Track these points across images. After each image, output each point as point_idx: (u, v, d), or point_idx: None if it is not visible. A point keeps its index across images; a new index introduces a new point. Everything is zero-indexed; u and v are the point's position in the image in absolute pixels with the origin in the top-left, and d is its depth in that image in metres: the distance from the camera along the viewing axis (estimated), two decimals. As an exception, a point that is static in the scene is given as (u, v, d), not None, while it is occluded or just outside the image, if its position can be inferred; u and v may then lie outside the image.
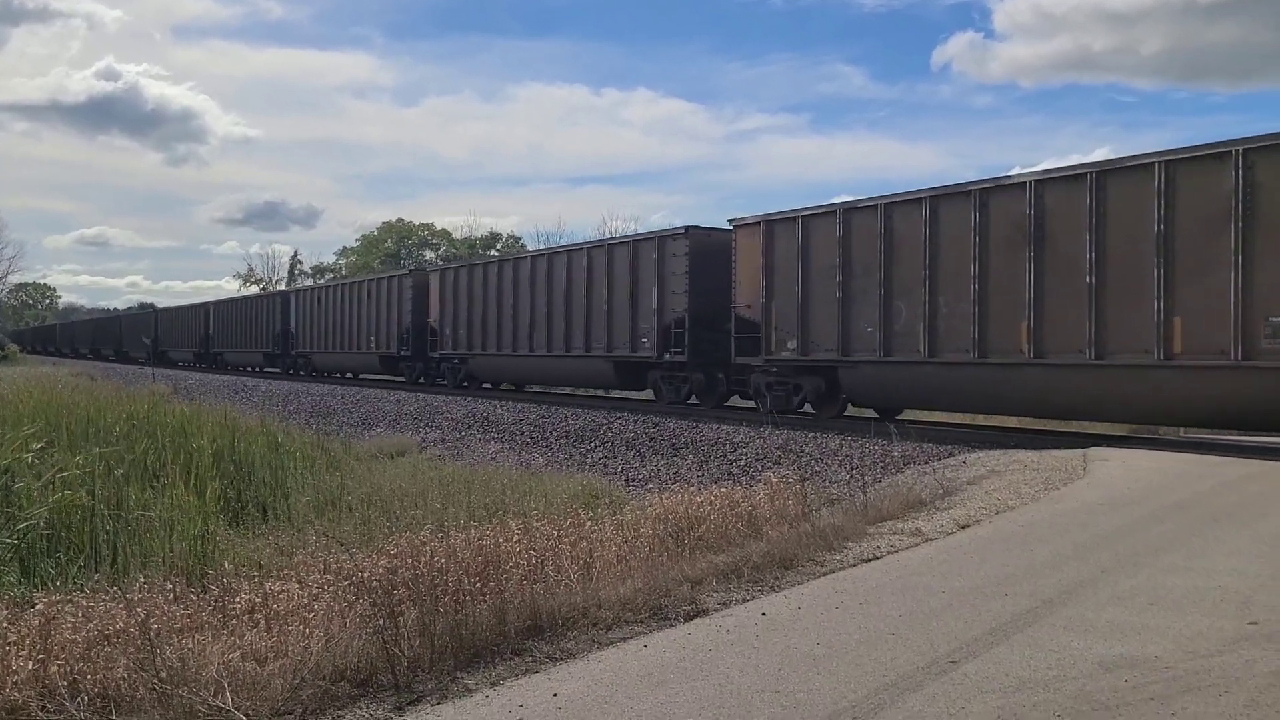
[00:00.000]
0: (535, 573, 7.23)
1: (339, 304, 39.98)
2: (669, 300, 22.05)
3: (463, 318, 30.87)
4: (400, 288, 35.13)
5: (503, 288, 28.77)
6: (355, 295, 38.51)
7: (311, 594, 6.25)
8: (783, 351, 19.44)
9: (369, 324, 37.25)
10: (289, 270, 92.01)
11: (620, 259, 23.94)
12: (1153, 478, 11.00)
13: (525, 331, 27.51)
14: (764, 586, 6.60)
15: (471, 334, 30.40)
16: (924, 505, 9.93)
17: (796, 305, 18.99)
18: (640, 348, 23.11)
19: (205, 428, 16.47)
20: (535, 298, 27.03)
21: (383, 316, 35.83)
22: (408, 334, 34.03)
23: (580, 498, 13.17)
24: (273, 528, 11.10)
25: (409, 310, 34.00)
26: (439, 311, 32.21)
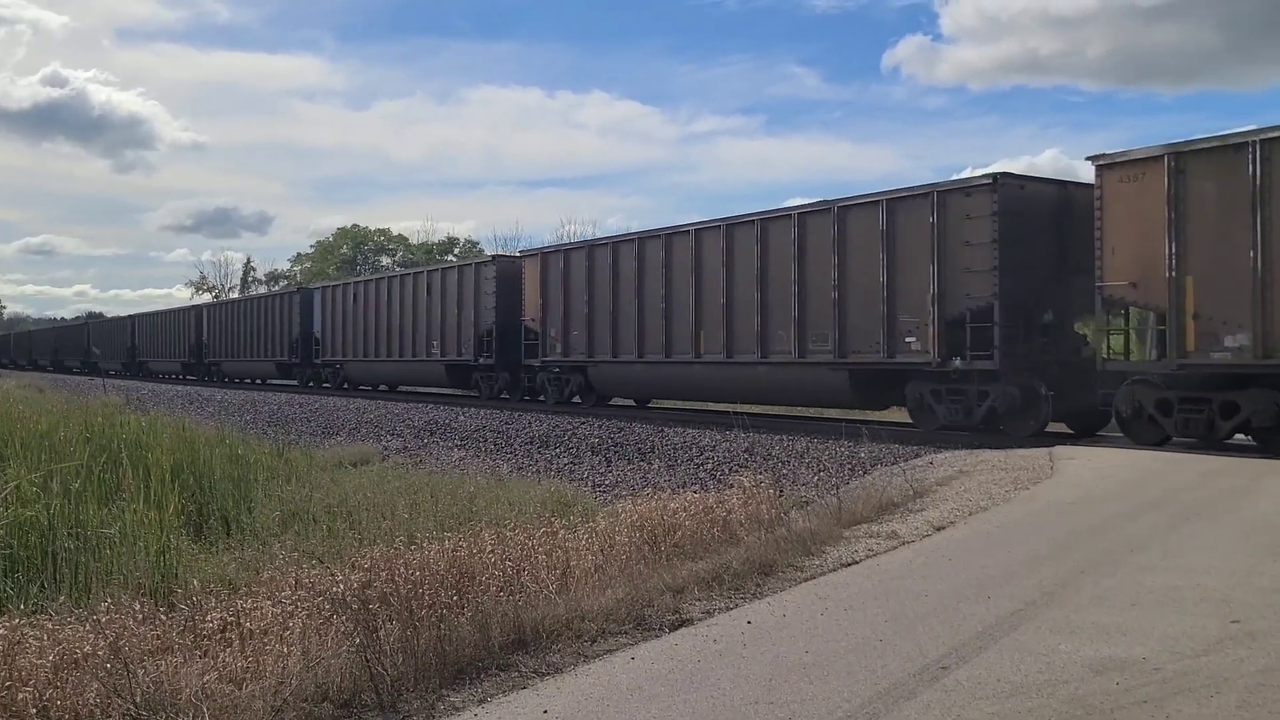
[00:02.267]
0: (512, 584, 7.12)
1: (387, 300, 33.05)
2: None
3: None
4: (479, 278, 28.57)
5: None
6: (411, 289, 31.93)
7: (285, 611, 6.09)
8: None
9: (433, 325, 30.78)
10: (242, 278, 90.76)
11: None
12: (1120, 475, 11.11)
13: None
14: (746, 594, 6.55)
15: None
16: (896, 507, 9.93)
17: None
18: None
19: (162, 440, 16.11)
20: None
21: (451, 316, 29.39)
22: (488, 337, 27.76)
23: (550, 505, 13.04)
24: (237, 542, 10.85)
25: (491, 307, 27.64)
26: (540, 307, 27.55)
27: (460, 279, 28.83)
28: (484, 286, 27.64)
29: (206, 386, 45.41)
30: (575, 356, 24.15)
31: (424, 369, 31.05)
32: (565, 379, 25.11)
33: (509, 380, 27.37)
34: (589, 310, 23.56)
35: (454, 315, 28.83)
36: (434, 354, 29.86)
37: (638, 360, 22.31)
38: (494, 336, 26.97)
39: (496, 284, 27.13)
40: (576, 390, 24.82)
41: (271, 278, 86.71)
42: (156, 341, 57.82)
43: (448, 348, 29.38)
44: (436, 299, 29.74)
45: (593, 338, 23.48)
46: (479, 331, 27.55)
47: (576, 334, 23.95)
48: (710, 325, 20.39)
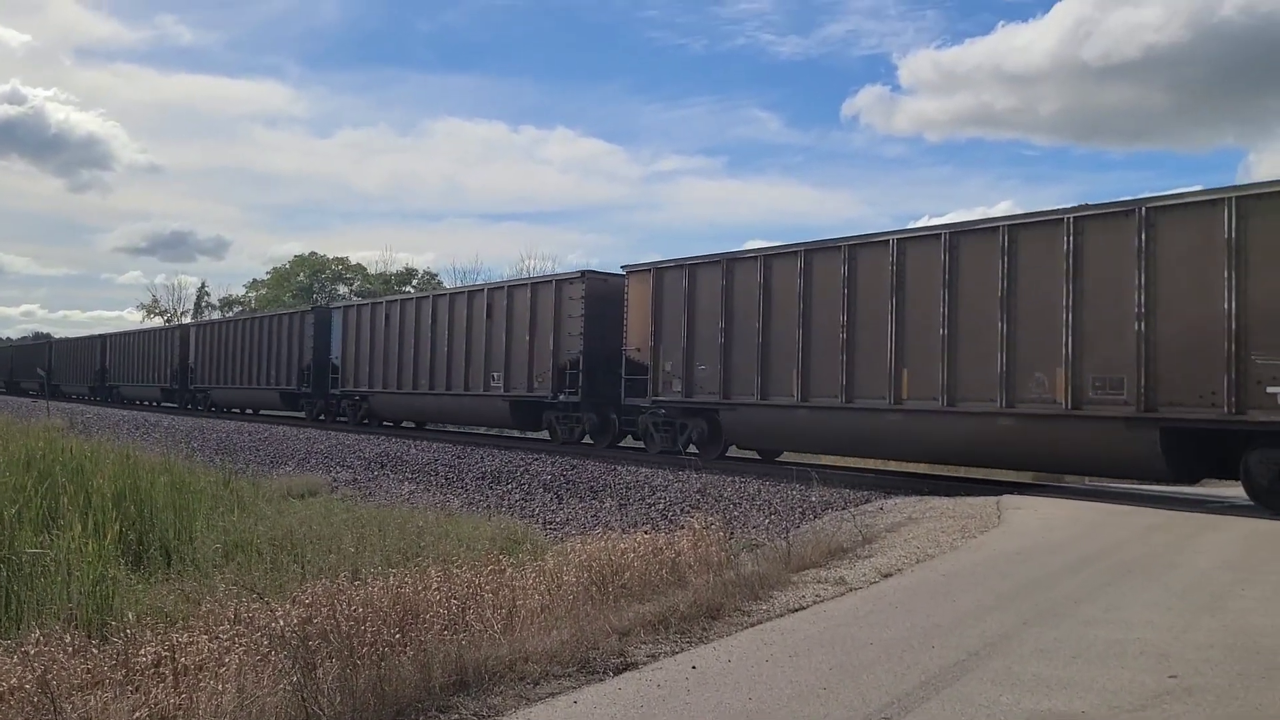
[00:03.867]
0: (457, 622, 7.05)
1: (431, 323, 29.21)
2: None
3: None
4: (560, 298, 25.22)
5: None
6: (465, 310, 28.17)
7: (222, 646, 5.97)
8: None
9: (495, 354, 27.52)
10: (195, 302, 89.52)
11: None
12: (1065, 527, 11.24)
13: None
14: (692, 638, 6.52)
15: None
16: (845, 553, 9.96)
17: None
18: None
19: (105, 466, 15.79)
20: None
21: (520, 343, 26.22)
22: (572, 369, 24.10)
23: (499, 542, 12.94)
24: (177, 573, 10.63)
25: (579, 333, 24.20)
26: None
27: (535, 299, 24.05)
28: (567, 308, 22.95)
29: (154, 413, 44.56)
30: (701, 396, 19.66)
31: (480, 405, 26.16)
32: (682, 424, 20.63)
33: (596, 423, 22.92)
34: (725, 339, 19.13)
35: (523, 342, 24.21)
36: (494, 388, 25.18)
37: (799, 404, 17.75)
38: (580, 369, 22.41)
39: (585, 305, 22.46)
40: (696, 438, 20.36)
41: (226, 303, 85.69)
42: (132, 364, 52.50)
43: (514, 381, 24.64)
44: (500, 322, 25.05)
45: (728, 374, 19.03)
46: (559, 362, 22.98)
47: (704, 369, 19.51)
48: (918, 361, 16.03)
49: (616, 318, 21.95)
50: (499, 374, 25.10)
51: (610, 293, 22.46)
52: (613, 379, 21.83)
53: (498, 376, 25.15)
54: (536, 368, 23.75)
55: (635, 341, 21.27)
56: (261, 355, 37.57)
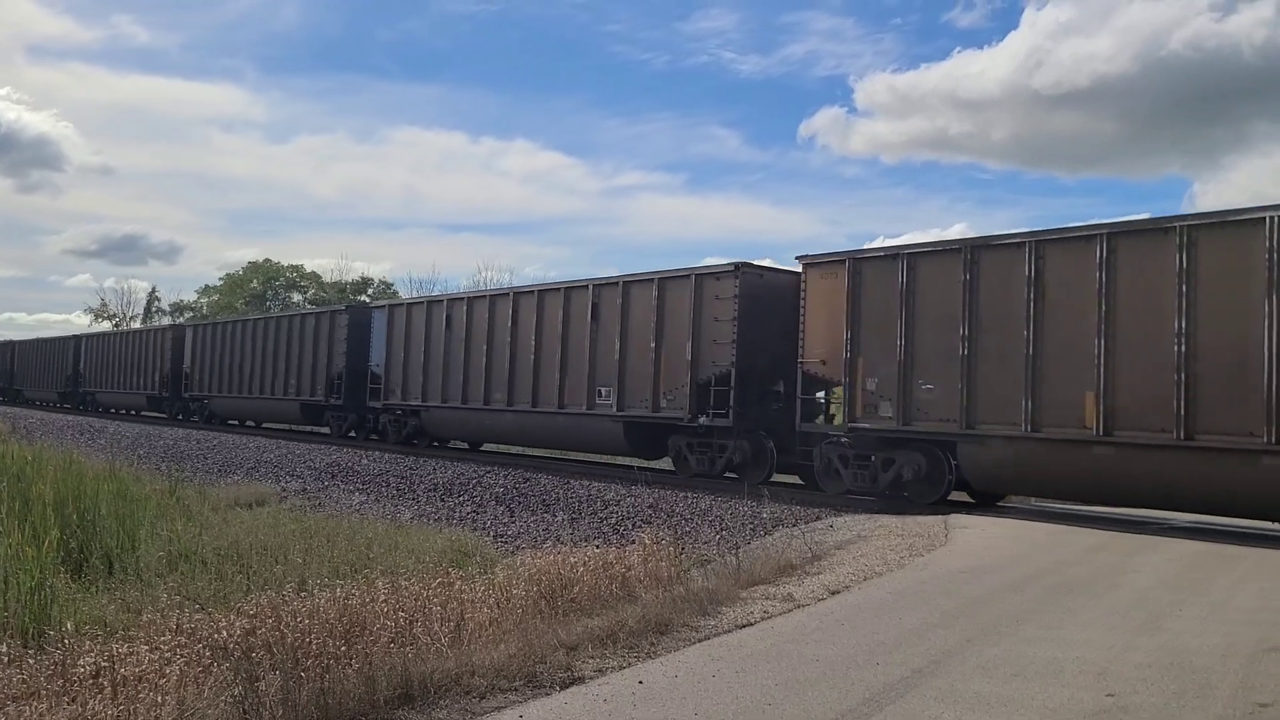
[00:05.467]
0: (404, 635, 7.01)
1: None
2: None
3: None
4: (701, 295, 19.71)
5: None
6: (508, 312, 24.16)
7: (163, 657, 5.89)
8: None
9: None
10: (146, 307, 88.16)
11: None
12: (1010, 546, 11.42)
13: None
14: (640, 653, 6.54)
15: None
16: (794, 569, 10.03)
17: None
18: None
19: (46, 472, 15.50)
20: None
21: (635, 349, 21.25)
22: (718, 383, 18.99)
23: (449, 554, 12.86)
24: (119, 582, 10.45)
25: (729, 341, 19.22)
26: None
27: (663, 297, 19.25)
28: (713, 310, 18.28)
29: (100, 418, 43.81)
30: (926, 424, 15.11)
31: (581, 426, 21.23)
32: (886, 459, 15.82)
33: (749, 452, 18.14)
34: (968, 350, 14.55)
35: (645, 351, 19.50)
36: (602, 406, 20.30)
37: (1100, 439, 13.15)
38: (732, 385, 17.84)
39: (739, 306, 17.90)
40: (910, 475, 15.58)
41: (177, 308, 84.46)
42: (35, 368, 57.43)
43: (631, 399, 19.70)
44: (611, 326, 20.28)
45: (972, 395, 14.47)
46: (699, 377, 18.34)
47: (931, 388, 15.07)
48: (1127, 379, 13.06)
49: (780, 322, 17.68)
50: (609, 389, 20.16)
51: (770, 291, 18.13)
52: (768, 399, 18.01)
53: (607, 392, 20.21)
54: (666, 382, 19.04)
55: (818, 352, 16.68)
56: (278, 361, 32.62)
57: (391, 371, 26.91)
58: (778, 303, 18.02)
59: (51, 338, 59.48)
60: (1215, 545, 11.96)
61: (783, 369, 17.80)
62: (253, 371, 34.15)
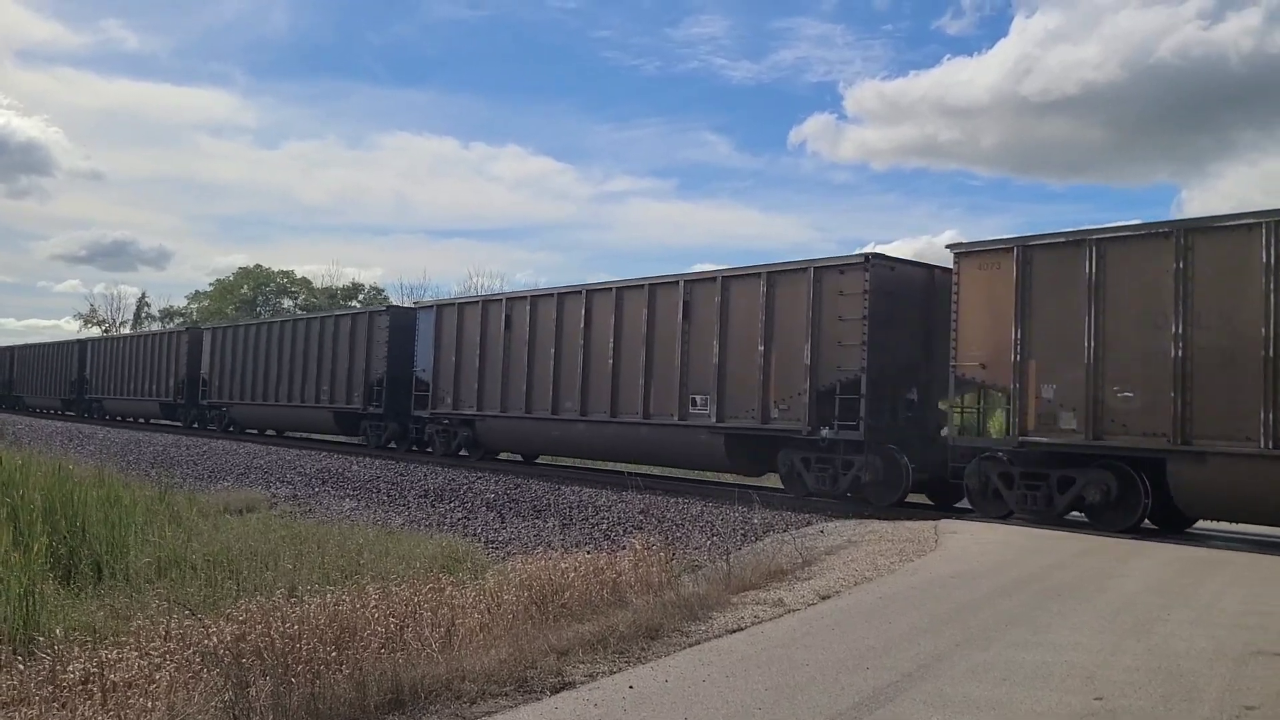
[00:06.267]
0: (395, 641, 7.03)
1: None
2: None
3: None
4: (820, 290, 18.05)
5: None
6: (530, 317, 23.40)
7: (153, 663, 5.88)
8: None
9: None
10: (135, 312, 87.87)
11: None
12: (999, 551, 11.46)
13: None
14: (631, 658, 6.54)
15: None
16: (785, 575, 10.06)
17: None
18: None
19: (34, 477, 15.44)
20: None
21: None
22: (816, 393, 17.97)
23: (440, 560, 12.86)
24: (108, 588, 10.42)
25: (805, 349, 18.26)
26: None
27: (771, 293, 17.30)
28: (836, 306, 16.31)
29: (89, 424, 43.59)
30: (1122, 438, 13.21)
31: (666, 438, 19.29)
32: (1064, 478, 14.02)
33: (882, 471, 16.08)
34: (1183, 352, 12.67)
35: (750, 355, 17.65)
36: (698, 415, 18.46)
37: None
38: (862, 394, 15.86)
39: (870, 302, 15.89)
40: (1098, 498, 13.65)
41: (166, 314, 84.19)
42: (35, 375, 54.78)
43: (734, 407, 17.82)
44: (707, 326, 18.36)
45: (1189, 401, 12.57)
46: (819, 383, 16.43)
47: (1129, 396, 13.17)
48: None
49: (913, 320, 16.53)
50: (705, 397, 18.26)
51: (902, 285, 16.44)
52: (899, 407, 16.51)
53: (703, 401, 18.33)
54: (778, 390, 17.13)
55: (975, 354, 14.81)
56: (309, 366, 30.47)
57: (440, 378, 24.75)
58: (910, 298, 16.50)
59: (54, 342, 56.77)
60: (1204, 550, 12.02)
61: (915, 374, 16.50)
62: (280, 377, 31.87)
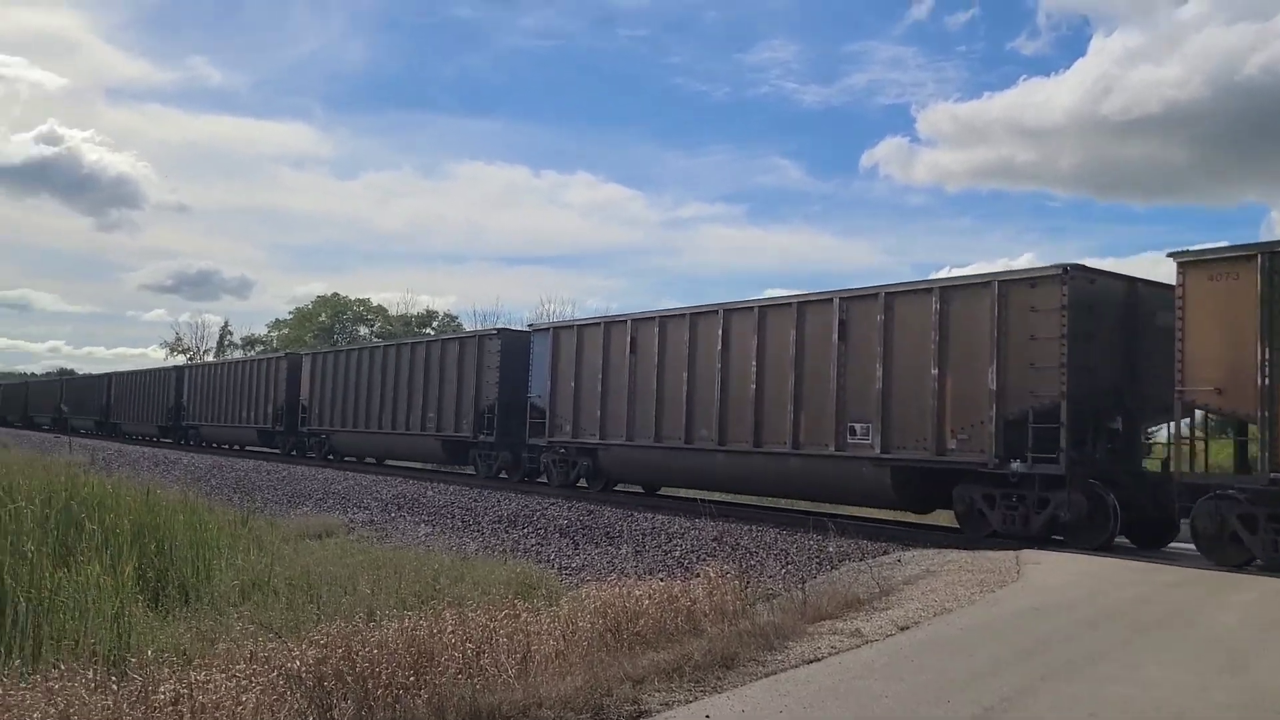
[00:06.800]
0: (472, 666, 7.06)
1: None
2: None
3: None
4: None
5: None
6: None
7: (240, 685, 6.00)
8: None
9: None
10: (218, 340, 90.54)
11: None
12: (1085, 583, 11.15)
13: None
14: (707, 687, 6.51)
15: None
16: (862, 604, 9.91)
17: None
18: None
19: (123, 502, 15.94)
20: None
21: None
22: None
23: (514, 586, 12.94)
24: (195, 610, 10.69)
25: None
26: None
27: (944, 310, 15.57)
28: (1026, 324, 14.56)
29: (175, 450, 44.78)
30: None
31: (820, 471, 17.60)
32: None
33: (1085, 508, 14.17)
34: None
35: (920, 378, 15.86)
36: (857, 445, 16.70)
37: None
38: (1063, 423, 14.04)
39: (1069, 320, 14.08)
40: None
41: (248, 342, 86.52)
42: (132, 401, 54.52)
43: (901, 437, 16.08)
44: (866, 347, 16.70)
45: None
46: (1006, 411, 14.65)
47: None
48: None
49: (1116, 339, 14.82)
50: (867, 425, 16.57)
51: (1103, 300, 14.66)
52: (1100, 438, 15.05)
53: (864, 430, 16.64)
54: (956, 418, 15.39)
55: (1209, 376, 12.84)
56: (414, 393, 29.36)
57: (558, 404, 23.29)
58: (1110, 314, 14.77)
59: (151, 369, 57.27)
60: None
61: (1119, 399, 14.93)
62: (383, 404, 30.89)
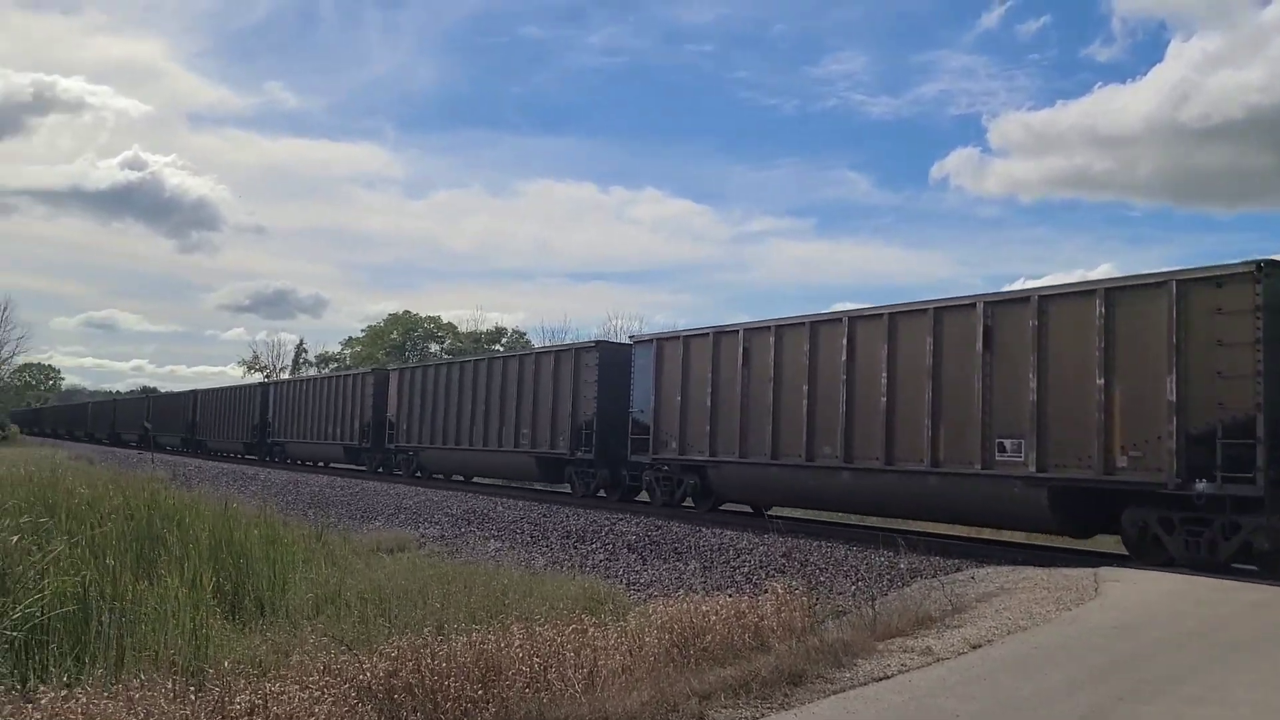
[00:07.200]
0: (539, 680, 7.10)
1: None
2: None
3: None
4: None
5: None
6: None
7: (312, 696, 6.10)
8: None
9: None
10: (293, 358, 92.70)
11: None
12: (1166, 602, 10.83)
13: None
14: (774, 703, 6.46)
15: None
16: (933, 622, 9.74)
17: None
18: None
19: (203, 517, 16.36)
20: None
21: None
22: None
23: (582, 601, 12.96)
24: (270, 623, 10.91)
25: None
26: None
27: (1115, 312, 14.07)
28: (1210, 330, 13.07)
29: (252, 465, 45.69)
30: None
31: (987, 494, 15.69)
32: None
33: None
34: None
35: (1079, 385, 14.39)
36: (1009, 463, 15.12)
37: None
38: (1256, 434, 12.46)
39: (1262, 319, 12.60)
40: None
41: (322, 360, 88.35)
42: (218, 418, 54.99)
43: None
44: (1015, 356, 15.17)
45: None
46: (1198, 426, 13.07)
47: None
48: None
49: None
50: (1018, 441, 15.01)
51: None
52: None
53: (1014, 445, 15.07)
54: (1125, 433, 13.91)
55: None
56: (507, 408, 28.29)
57: (662, 419, 22.04)
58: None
59: (235, 385, 57.86)
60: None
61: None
62: (474, 420, 29.95)
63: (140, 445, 59.16)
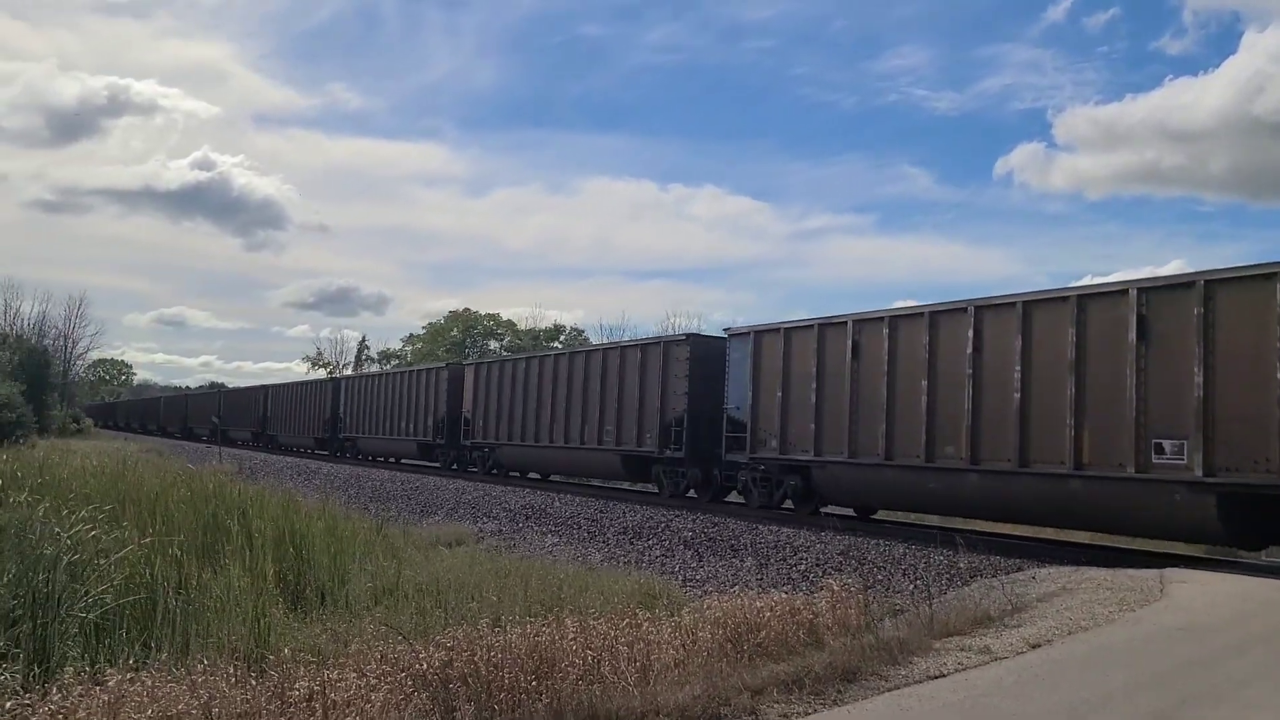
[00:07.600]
0: (592, 673, 7.14)
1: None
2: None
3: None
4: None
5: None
6: None
7: (369, 684, 6.21)
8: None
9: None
10: (356, 355, 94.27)
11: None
12: (1235, 604, 10.57)
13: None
14: (826, 700, 6.43)
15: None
16: (992, 621, 9.62)
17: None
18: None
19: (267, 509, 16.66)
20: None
21: None
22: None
23: (637, 596, 13.00)
24: (330, 613, 11.11)
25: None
26: None
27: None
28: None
29: (316, 460, 46.45)
30: None
31: (1142, 498, 14.42)
32: None
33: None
34: None
35: (1256, 377, 13.13)
36: (1168, 466, 13.94)
37: None
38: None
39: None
40: None
41: (384, 356, 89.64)
42: (289, 413, 55.21)
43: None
44: (1178, 346, 13.90)
45: None
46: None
47: None
48: None
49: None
50: (1179, 442, 13.80)
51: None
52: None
53: (1175, 447, 13.87)
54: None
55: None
56: (589, 404, 27.39)
57: (761, 417, 21.00)
58: None
59: (307, 381, 58.32)
60: None
61: None
62: (554, 417, 28.97)
63: (210, 439, 60.36)
